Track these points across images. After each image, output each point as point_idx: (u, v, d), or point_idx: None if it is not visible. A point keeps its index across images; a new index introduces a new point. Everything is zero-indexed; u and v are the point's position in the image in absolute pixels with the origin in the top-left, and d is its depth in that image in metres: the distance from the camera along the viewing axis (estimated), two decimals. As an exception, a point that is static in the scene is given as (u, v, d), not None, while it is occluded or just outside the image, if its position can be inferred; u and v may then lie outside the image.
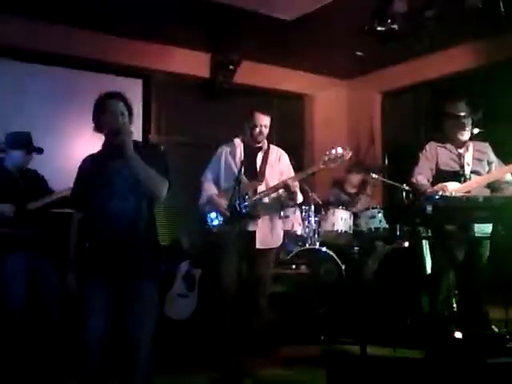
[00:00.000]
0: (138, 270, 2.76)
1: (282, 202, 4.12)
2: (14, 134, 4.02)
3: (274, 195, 4.01)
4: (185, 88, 6.17)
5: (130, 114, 2.83)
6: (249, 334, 3.85)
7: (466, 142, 4.12)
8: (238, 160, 4.09)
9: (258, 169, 4.05)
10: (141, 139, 5.61)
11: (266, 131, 4.08)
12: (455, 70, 5.91)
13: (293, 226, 5.16)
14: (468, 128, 4.08)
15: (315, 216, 5.18)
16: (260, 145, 4.14)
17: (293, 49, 5.96)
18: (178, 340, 4.15)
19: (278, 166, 4.14)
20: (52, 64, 5.44)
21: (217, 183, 4.17)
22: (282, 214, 4.34)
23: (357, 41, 5.59)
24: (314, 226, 5.15)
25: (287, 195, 4.01)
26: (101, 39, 5.51)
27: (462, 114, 4.06)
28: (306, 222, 5.17)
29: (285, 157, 4.23)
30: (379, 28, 5.05)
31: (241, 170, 3.89)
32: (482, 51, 5.65)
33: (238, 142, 4.20)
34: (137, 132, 5.23)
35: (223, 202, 4.01)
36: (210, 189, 4.16)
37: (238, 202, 3.88)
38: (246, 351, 3.56)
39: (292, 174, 4.10)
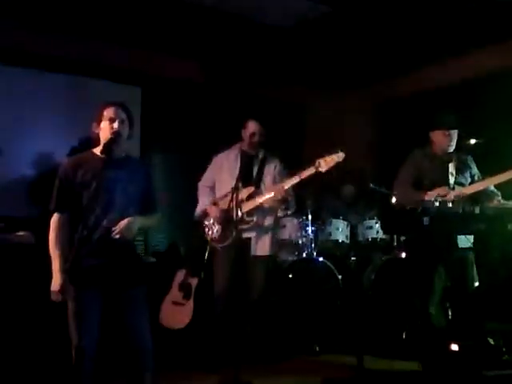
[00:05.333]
0: (133, 277, 2.78)
1: (275, 210, 4.17)
2: (85, 137, 4.18)
3: (268, 203, 4.05)
4: (182, 95, 6.17)
5: (131, 124, 2.84)
6: (244, 342, 3.86)
7: (450, 153, 4.14)
8: (234, 167, 4.21)
9: (254, 177, 4.17)
10: (139, 147, 5.62)
11: (259, 138, 4.20)
12: (450, 82, 5.94)
13: (290, 235, 5.16)
14: (454, 140, 4.10)
15: (312, 225, 5.18)
16: (256, 153, 4.26)
17: (289, 56, 5.99)
18: (173, 349, 4.13)
19: (274, 175, 4.21)
20: (51, 69, 5.44)
21: (213, 190, 4.30)
22: (277, 222, 4.37)
23: (353, 50, 5.65)
24: (311, 235, 5.14)
25: (279, 203, 4.06)
26: (100, 46, 5.54)
27: (450, 125, 4.09)
28: (303, 232, 5.16)
29: (280, 166, 4.29)
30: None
31: (239, 177, 3.95)
32: (477, 62, 5.69)
33: (235, 149, 4.33)
34: (136, 139, 5.32)
35: (217, 211, 4.10)
36: (204, 196, 4.29)
37: (232, 209, 3.94)
38: (244, 360, 3.55)
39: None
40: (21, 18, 5.01)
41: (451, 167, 4.10)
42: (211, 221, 4.18)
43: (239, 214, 3.87)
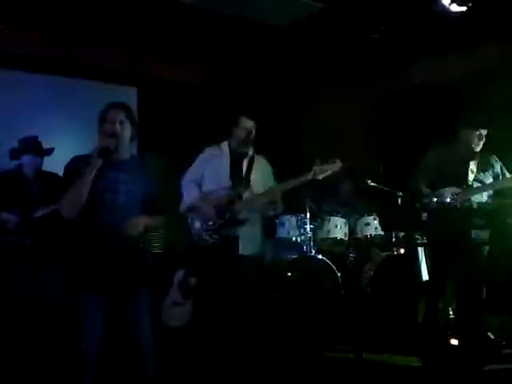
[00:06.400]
0: (136, 278, 2.79)
1: (263, 210, 4.12)
2: (24, 138, 4.16)
3: (256, 203, 4.01)
4: (179, 96, 6.17)
5: (133, 124, 2.84)
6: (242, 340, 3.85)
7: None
8: (222, 166, 4.11)
9: (243, 175, 4.07)
10: (136, 148, 5.60)
11: (252, 135, 4.11)
12: (452, 76, 5.94)
13: (288, 233, 5.16)
14: (483, 140, 4.06)
15: (311, 223, 5.18)
16: (246, 151, 4.15)
17: (286, 56, 6.00)
18: (173, 348, 4.14)
19: (262, 174, 4.15)
20: (48, 72, 5.43)
21: (199, 185, 4.15)
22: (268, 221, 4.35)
23: (351, 47, 5.65)
24: (309, 233, 5.13)
25: (269, 204, 4.04)
26: (96, 47, 5.53)
27: (483, 125, 4.04)
28: (302, 230, 5.16)
29: (268, 166, 4.25)
30: (373, 35, 5.12)
31: (232, 175, 3.93)
32: (478, 57, 5.70)
33: (224, 146, 4.20)
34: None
35: (208, 207, 4.02)
36: (191, 191, 4.13)
37: (224, 207, 3.94)
38: (242, 359, 3.55)
39: (272, 183, 4.11)
40: (15, 20, 4.99)
41: (472, 164, 4.07)
42: (201, 217, 4.08)
43: (228, 213, 3.88)
